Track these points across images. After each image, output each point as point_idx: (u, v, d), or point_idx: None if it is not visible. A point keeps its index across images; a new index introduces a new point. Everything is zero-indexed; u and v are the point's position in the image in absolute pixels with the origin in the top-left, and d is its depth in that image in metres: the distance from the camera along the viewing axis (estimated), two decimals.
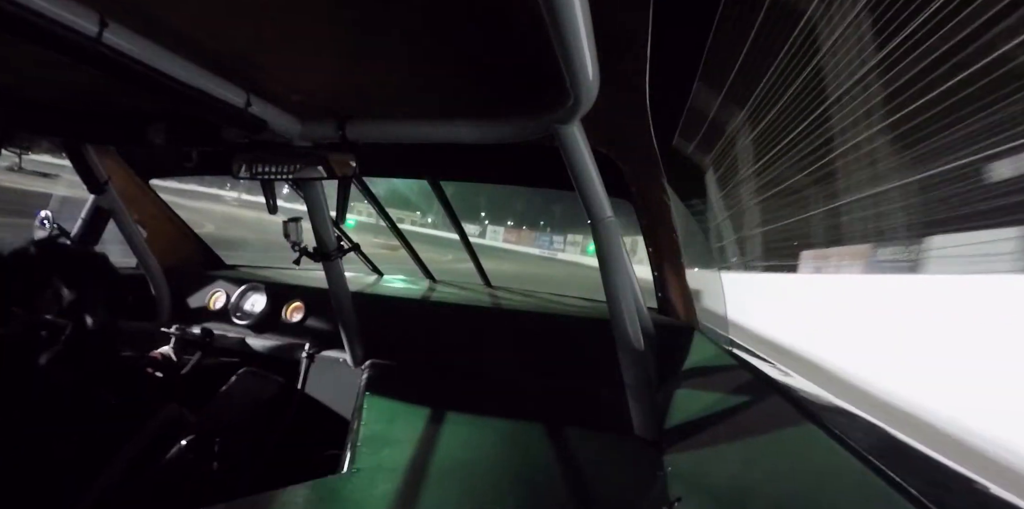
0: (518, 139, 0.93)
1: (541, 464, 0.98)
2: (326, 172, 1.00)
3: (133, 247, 1.75)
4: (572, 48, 0.57)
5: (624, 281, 1.03)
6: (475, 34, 0.66)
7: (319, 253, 1.33)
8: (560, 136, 0.89)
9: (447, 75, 0.82)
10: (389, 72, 0.82)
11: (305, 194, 1.27)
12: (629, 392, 1.09)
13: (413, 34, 0.67)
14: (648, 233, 1.41)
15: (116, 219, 1.66)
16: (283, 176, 1.02)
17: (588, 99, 0.73)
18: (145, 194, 1.84)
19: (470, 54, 0.72)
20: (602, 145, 1.10)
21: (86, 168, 1.54)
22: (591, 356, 1.46)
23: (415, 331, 1.65)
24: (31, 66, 0.89)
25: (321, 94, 0.95)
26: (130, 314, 1.74)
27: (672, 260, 1.44)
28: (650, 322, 1.38)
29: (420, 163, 1.58)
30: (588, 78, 0.66)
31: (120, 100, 1.08)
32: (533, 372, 1.49)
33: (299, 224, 1.29)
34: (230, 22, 0.67)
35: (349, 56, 0.77)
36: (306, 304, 1.77)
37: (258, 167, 1.02)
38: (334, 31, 0.68)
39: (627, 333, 1.04)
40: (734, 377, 1.05)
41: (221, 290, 1.89)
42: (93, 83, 0.97)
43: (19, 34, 0.58)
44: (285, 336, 1.73)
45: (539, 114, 0.86)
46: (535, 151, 1.10)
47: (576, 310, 1.65)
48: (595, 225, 1.01)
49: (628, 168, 1.20)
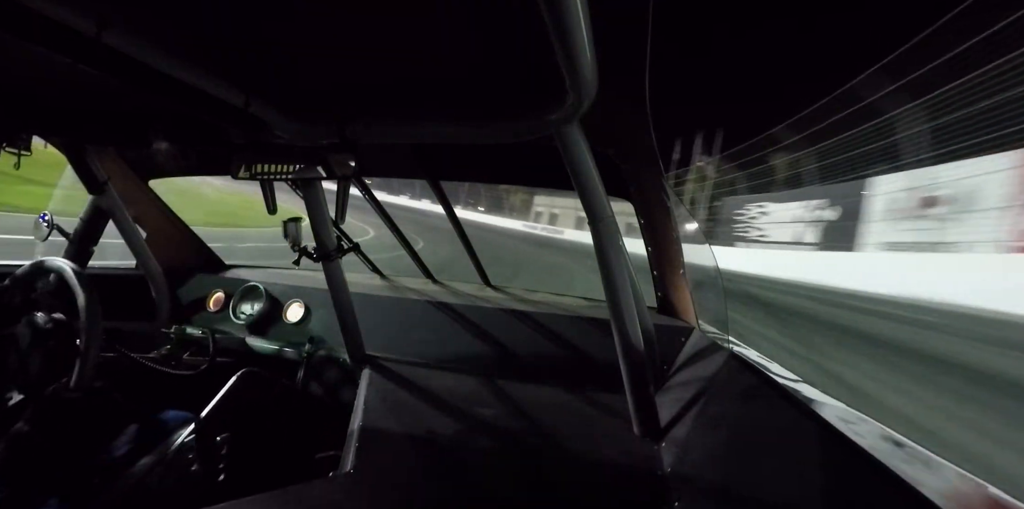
0: (518, 139, 0.93)
1: (541, 464, 0.98)
2: (326, 172, 1.00)
3: (132, 247, 1.75)
4: (572, 48, 0.57)
5: (624, 281, 1.03)
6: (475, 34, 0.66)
7: (319, 253, 1.33)
8: (560, 136, 0.89)
9: (447, 75, 0.82)
10: (389, 72, 0.82)
11: (305, 194, 1.27)
12: (629, 392, 1.09)
13: (413, 34, 0.67)
14: (648, 233, 1.41)
15: (115, 219, 1.66)
16: (283, 176, 1.02)
17: (588, 99, 0.73)
18: (145, 194, 1.84)
19: (470, 54, 0.72)
20: (602, 145, 1.10)
21: (85, 168, 1.54)
22: (591, 356, 1.46)
23: (415, 331, 1.64)
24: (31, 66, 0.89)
25: (321, 94, 0.95)
26: (130, 314, 1.74)
27: (672, 260, 1.44)
28: (650, 322, 1.38)
29: (420, 163, 1.58)
30: (588, 78, 0.66)
31: (120, 100, 1.08)
32: (533, 372, 1.48)
33: (299, 224, 1.29)
34: (230, 22, 0.67)
35: (349, 56, 0.77)
36: (306, 304, 1.77)
37: (258, 167, 1.02)
38: (334, 31, 0.68)
39: (627, 333, 1.04)
40: (734, 377, 1.05)
41: (221, 290, 1.89)
42: (93, 83, 0.96)
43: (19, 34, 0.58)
44: (285, 336, 1.73)
45: (539, 114, 0.86)
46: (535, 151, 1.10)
47: (576, 310, 1.65)
48: (595, 225, 1.01)
49: (628, 168, 1.20)
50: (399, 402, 1.22)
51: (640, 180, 1.25)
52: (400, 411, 1.17)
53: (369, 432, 1.04)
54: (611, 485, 0.92)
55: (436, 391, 1.32)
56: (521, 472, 0.94)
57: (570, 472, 0.96)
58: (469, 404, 1.25)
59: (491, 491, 0.87)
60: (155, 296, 1.80)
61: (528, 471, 0.95)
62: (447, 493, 0.86)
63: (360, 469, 0.90)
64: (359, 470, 0.90)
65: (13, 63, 0.88)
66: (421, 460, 0.95)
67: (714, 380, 1.11)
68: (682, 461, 0.95)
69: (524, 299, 1.82)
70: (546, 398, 1.33)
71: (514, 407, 1.25)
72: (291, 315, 1.77)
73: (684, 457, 0.95)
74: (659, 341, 1.37)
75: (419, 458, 0.96)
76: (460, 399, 1.28)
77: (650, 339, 1.32)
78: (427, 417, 1.15)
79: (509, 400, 1.29)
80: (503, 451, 1.01)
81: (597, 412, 1.24)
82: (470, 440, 1.05)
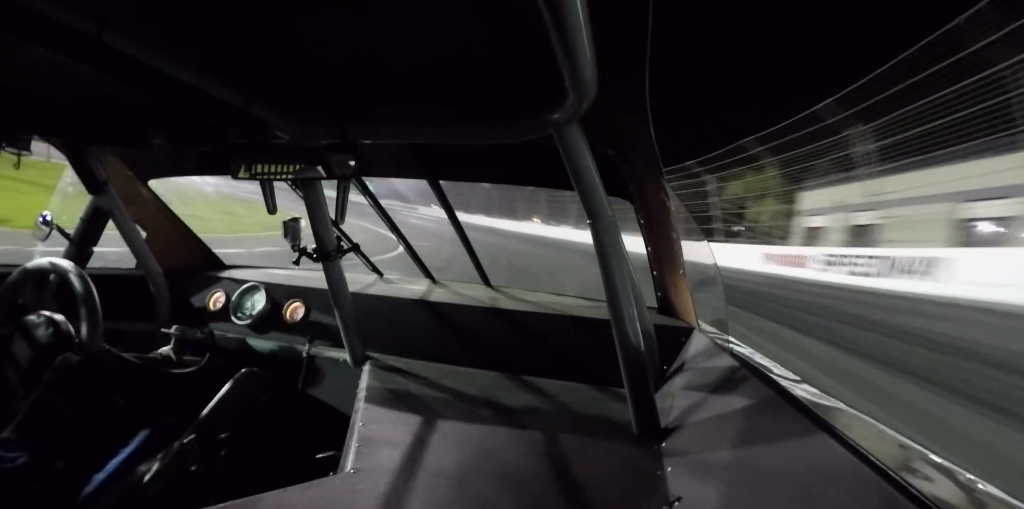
0: (518, 139, 0.93)
1: (541, 464, 0.98)
2: (326, 172, 1.00)
3: (132, 247, 1.75)
4: (572, 48, 0.57)
5: (624, 281, 1.03)
6: (475, 34, 0.66)
7: (319, 253, 1.33)
8: (560, 136, 0.89)
9: (447, 75, 0.82)
10: (389, 72, 0.82)
11: (305, 194, 1.27)
12: (629, 392, 1.08)
13: (413, 34, 0.67)
14: (648, 233, 1.41)
15: (115, 219, 1.66)
16: (283, 176, 1.02)
17: (588, 99, 0.73)
18: (145, 194, 1.84)
19: (470, 54, 0.72)
20: (602, 145, 1.10)
21: (86, 168, 1.54)
22: (591, 356, 1.46)
23: (415, 331, 1.64)
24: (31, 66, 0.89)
25: (321, 94, 0.95)
26: (130, 314, 1.74)
27: (672, 260, 1.44)
28: (650, 322, 1.37)
29: (420, 163, 1.58)
30: (588, 78, 0.66)
31: (120, 100, 1.08)
32: (532, 372, 1.48)
33: (299, 224, 1.30)
34: (230, 22, 0.67)
35: (349, 56, 0.77)
36: (306, 304, 1.77)
37: (258, 167, 1.02)
38: (334, 31, 0.68)
39: (627, 333, 1.03)
40: (734, 377, 1.05)
41: (221, 290, 1.89)
42: (93, 83, 0.96)
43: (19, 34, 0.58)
44: (285, 336, 1.73)
45: (539, 114, 0.86)
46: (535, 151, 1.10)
47: (576, 310, 1.65)
48: (595, 225, 1.01)
49: (628, 168, 1.20)
50: (399, 402, 1.22)
51: (640, 180, 1.25)
52: (400, 411, 1.17)
53: (369, 432, 1.04)
54: (611, 485, 0.92)
55: (436, 391, 1.32)
56: (521, 472, 0.94)
57: (570, 472, 0.96)
58: (469, 404, 1.25)
59: (491, 491, 0.87)
60: (155, 296, 1.80)
61: (528, 471, 0.95)
62: (447, 493, 0.85)
63: (360, 469, 0.90)
64: (359, 470, 0.90)
65: (13, 63, 0.88)
66: (421, 460, 0.95)
67: (714, 380, 1.10)
68: (682, 461, 0.95)
69: (524, 299, 1.82)
70: (546, 398, 1.33)
71: (513, 407, 1.25)
72: (291, 315, 1.77)
73: (684, 457, 0.95)
74: (659, 341, 1.36)
75: (419, 458, 0.96)
76: (460, 399, 1.28)
77: (650, 339, 1.32)
78: (427, 417, 1.15)
79: (509, 400, 1.29)
80: (503, 451, 1.01)
81: (597, 412, 1.24)
82: (470, 440, 1.05)
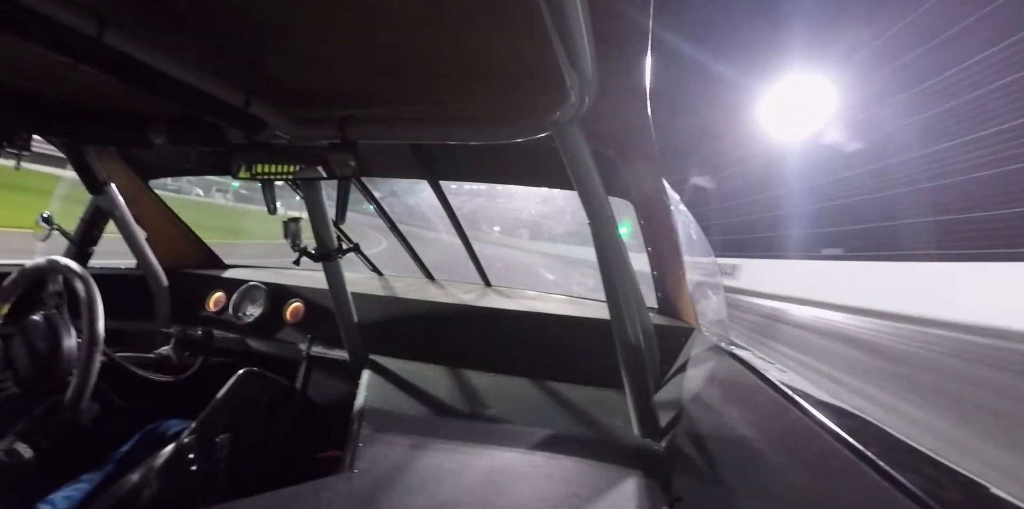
0: (518, 139, 0.93)
1: (541, 464, 0.98)
2: (326, 172, 1.00)
3: (133, 247, 1.75)
4: (572, 48, 0.57)
5: (624, 281, 1.03)
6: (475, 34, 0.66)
7: (319, 253, 1.33)
8: (560, 136, 0.89)
9: (447, 75, 0.82)
10: (389, 72, 0.82)
11: (305, 194, 1.27)
12: (629, 392, 1.08)
13: (413, 34, 0.67)
14: (648, 233, 1.41)
15: (115, 219, 1.66)
16: (283, 176, 1.02)
17: (588, 99, 0.73)
18: (145, 194, 1.84)
19: (470, 54, 0.72)
20: (602, 145, 1.10)
21: (86, 168, 1.54)
22: (591, 356, 1.46)
23: (415, 331, 1.64)
24: (31, 66, 0.89)
25: (321, 94, 0.95)
26: (130, 314, 1.74)
27: (672, 260, 1.44)
28: (650, 322, 1.37)
29: (420, 163, 1.58)
30: (588, 78, 0.66)
31: (120, 100, 1.08)
32: (533, 372, 1.48)
33: (299, 224, 1.30)
34: (230, 22, 0.67)
35: (349, 56, 0.77)
36: (306, 304, 1.77)
37: (258, 167, 1.02)
38: (334, 31, 0.68)
39: (627, 333, 1.03)
40: (734, 377, 1.05)
41: (221, 290, 1.89)
42: (93, 83, 0.96)
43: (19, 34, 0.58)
44: (285, 336, 1.73)
45: (539, 114, 0.86)
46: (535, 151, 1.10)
47: (576, 310, 1.65)
48: (595, 225, 1.01)
49: (628, 168, 1.20)
50: (399, 402, 1.22)
51: (640, 180, 1.25)
52: (400, 411, 1.17)
53: (369, 432, 1.04)
54: (611, 485, 0.92)
55: (436, 391, 1.32)
56: (521, 472, 0.94)
57: (570, 472, 0.96)
58: (469, 404, 1.25)
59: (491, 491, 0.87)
60: (155, 295, 1.80)
61: (528, 471, 0.95)
62: (447, 493, 0.85)
63: (360, 469, 0.90)
64: (360, 470, 0.90)
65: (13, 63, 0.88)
66: (421, 460, 0.95)
67: (714, 380, 1.10)
68: (682, 461, 0.95)
69: (524, 299, 1.82)
70: (546, 398, 1.33)
71: (514, 407, 1.25)
72: (291, 315, 1.77)
73: (684, 457, 0.95)
74: (659, 341, 1.36)
75: (419, 458, 0.96)
76: (460, 399, 1.28)
77: (650, 339, 1.32)
78: (427, 417, 1.15)
79: (509, 400, 1.29)
80: (503, 451, 1.01)
81: (597, 412, 1.24)
82: (470, 440, 1.05)
